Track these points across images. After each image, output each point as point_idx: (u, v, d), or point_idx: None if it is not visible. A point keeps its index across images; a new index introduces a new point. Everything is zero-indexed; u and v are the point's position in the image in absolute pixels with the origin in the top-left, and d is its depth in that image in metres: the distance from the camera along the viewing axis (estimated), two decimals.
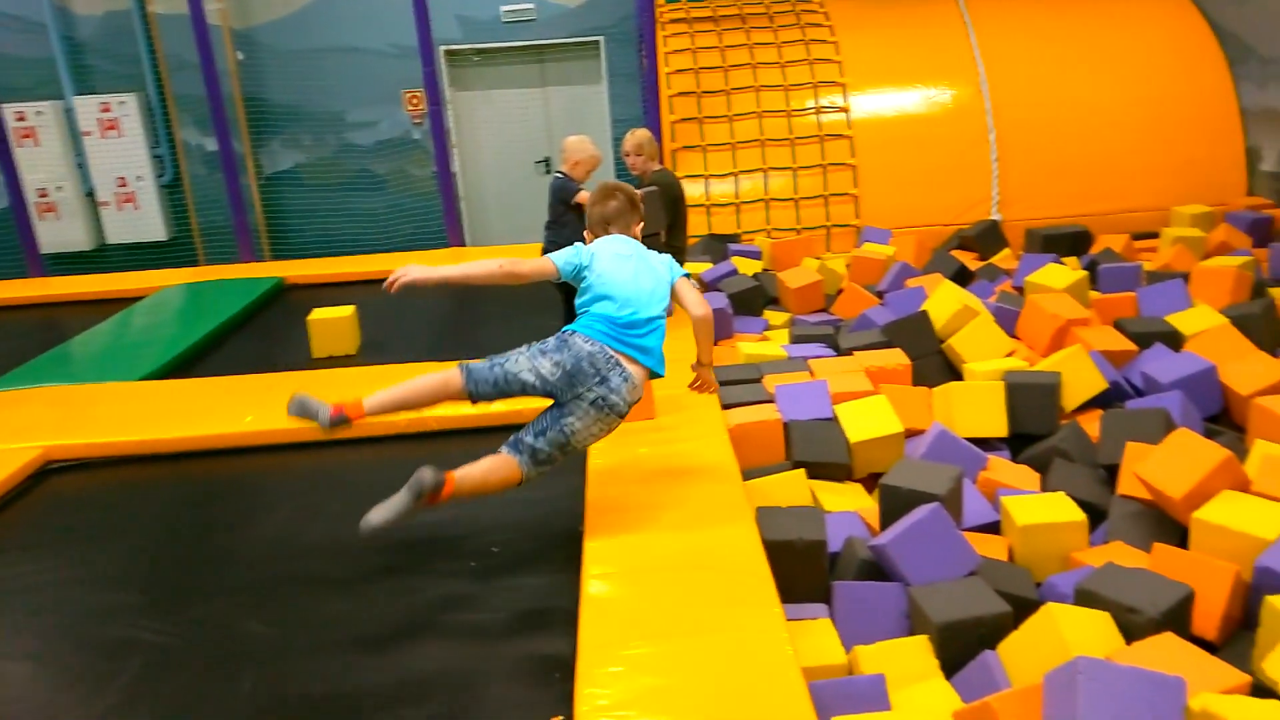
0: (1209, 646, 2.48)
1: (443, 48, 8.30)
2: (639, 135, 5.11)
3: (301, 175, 8.54)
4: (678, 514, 2.91)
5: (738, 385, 4.06)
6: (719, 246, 6.44)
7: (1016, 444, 3.88)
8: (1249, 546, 2.61)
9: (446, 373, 2.86)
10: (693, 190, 6.83)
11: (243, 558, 3.20)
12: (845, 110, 7.15)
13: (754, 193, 7.00)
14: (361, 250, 8.11)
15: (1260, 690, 2.11)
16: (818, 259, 6.41)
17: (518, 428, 3.95)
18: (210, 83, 7.55)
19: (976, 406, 3.84)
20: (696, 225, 6.76)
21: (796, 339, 4.84)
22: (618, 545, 2.76)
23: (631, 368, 2.82)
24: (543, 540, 3.19)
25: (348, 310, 5.25)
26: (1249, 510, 2.73)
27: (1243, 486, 2.92)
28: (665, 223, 5.23)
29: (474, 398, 2.86)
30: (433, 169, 8.16)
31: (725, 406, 3.82)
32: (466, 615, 2.79)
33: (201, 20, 7.48)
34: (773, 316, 5.47)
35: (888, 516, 3.15)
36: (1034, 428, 3.85)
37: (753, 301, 5.48)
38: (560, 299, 5.07)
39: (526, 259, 3.05)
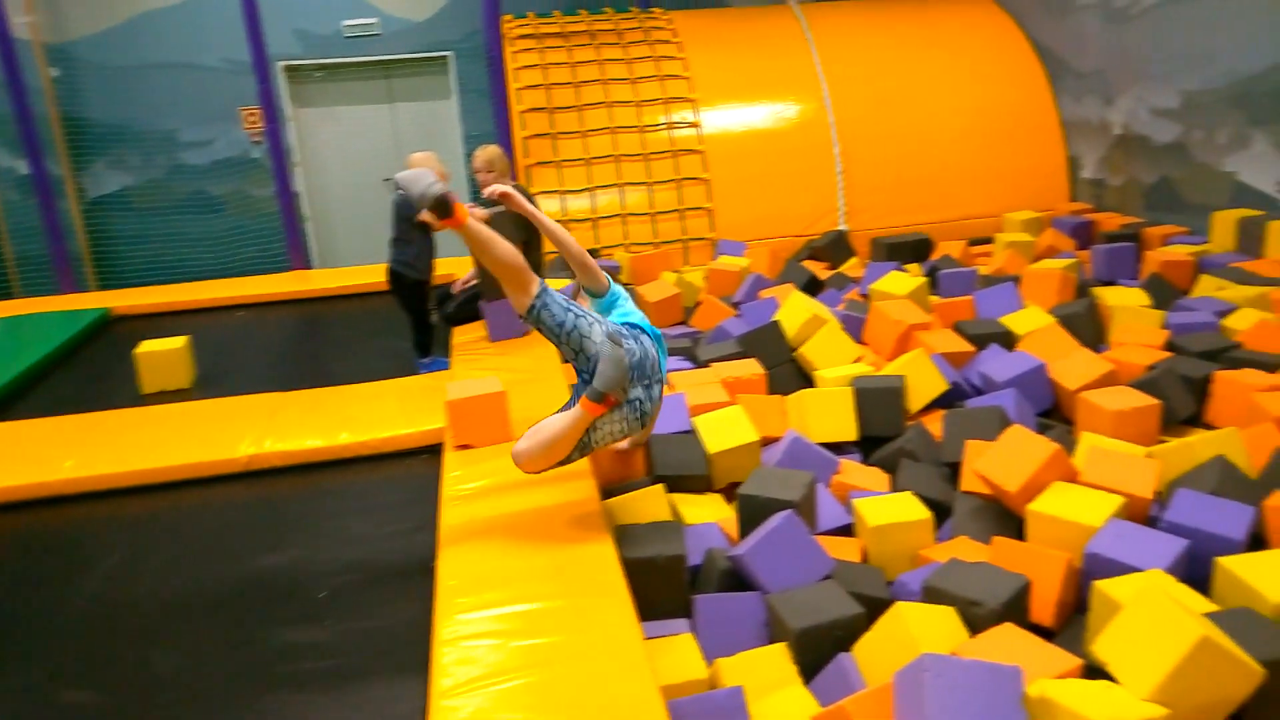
0: (1047, 633, 2.59)
1: (281, 63, 7.98)
2: (489, 151, 5.03)
3: (130, 198, 8.02)
4: (534, 539, 2.84)
5: None
6: None
7: (867, 446, 3.99)
8: (1079, 535, 2.74)
9: (529, 271, 2.75)
10: (548, 206, 6.78)
11: (63, 618, 2.93)
12: (696, 125, 7.26)
13: (610, 208, 7.01)
14: (199, 276, 7.68)
15: (1092, 671, 2.20)
16: (676, 272, 6.46)
17: (367, 459, 3.84)
18: (19, 101, 7.00)
19: (827, 412, 3.92)
20: None
21: None
22: (472, 575, 2.67)
23: (663, 388, 2.89)
24: (394, 575, 3.06)
25: (180, 341, 4.93)
26: (1078, 500, 2.87)
27: (1072, 477, 3.07)
28: (519, 240, 5.16)
29: (531, 312, 2.74)
30: (275, 189, 7.82)
31: None
32: (312, 663, 2.63)
33: (6, 34, 6.93)
34: None
35: (746, 525, 3.17)
36: (882, 430, 3.96)
37: None
38: (410, 322, 4.93)
39: (592, 260, 3.10)
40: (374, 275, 5.62)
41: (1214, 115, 6.11)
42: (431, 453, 3.78)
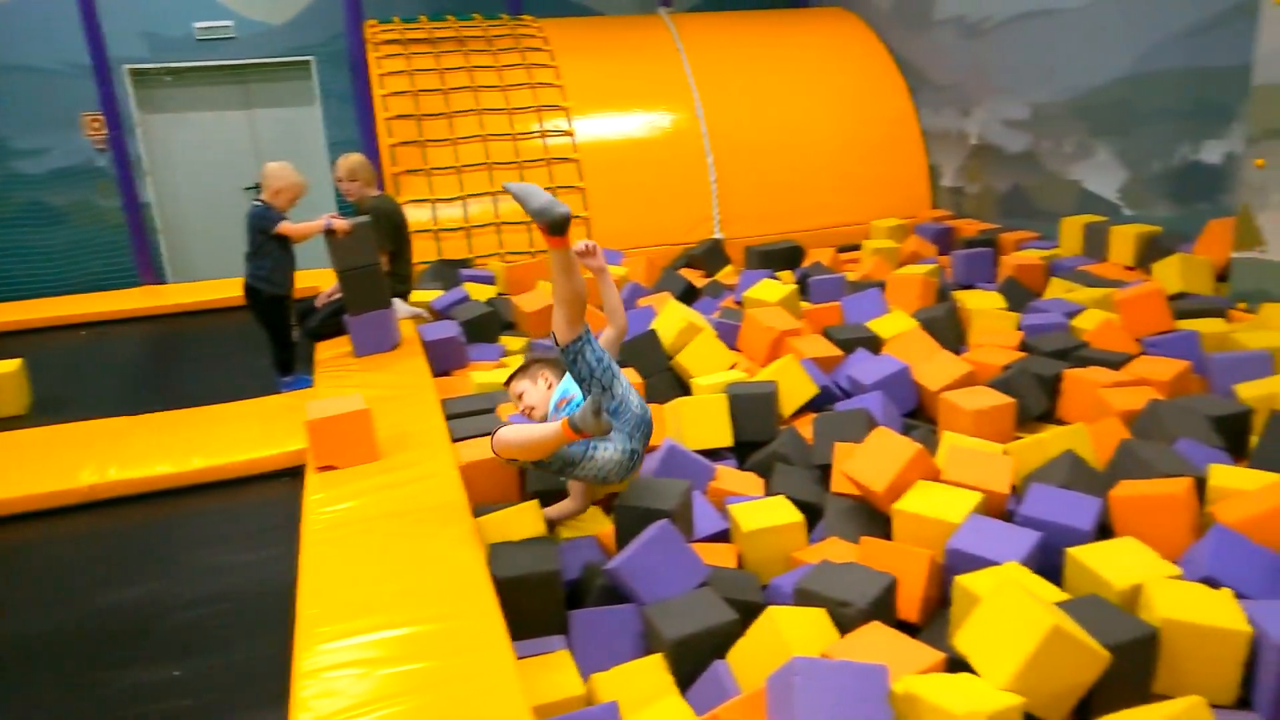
0: (914, 628, 2.65)
1: (127, 66, 7.52)
2: (352, 160, 4.87)
3: None
4: (402, 562, 2.73)
5: (470, 418, 3.93)
6: (450, 272, 6.27)
7: (742, 451, 4.02)
8: (942, 531, 2.82)
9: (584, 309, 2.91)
10: (419, 215, 6.62)
11: None
12: (570, 134, 7.23)
13: (484, 216, 6.90)
14: (37, 293, 7.14)
15: (955, 664, 2.25)
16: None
17: (224, 485, 3.64)
18: None
19: (703, 419, 3.94)
20: (425, 251, 6.55)
21: None
22: (336, 602, 2.54)
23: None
24: (253, 607, 2.90)
25: (13, 365, 4.56)
26: (940, 498, 2.95)
27: (934, 475, 3.16)
28: (388, 250, 5.02)
29: (576, 343, 2.88)
30: (120, 199, 7.36)
31: (456, 440, 3.67)
32: (164, 704, 2.47)
33: None
34: (510, 342, 5.37)
35: (624, 537, 3.13)
36: (756, 435, 4.01)
37: (488, 327, 5.36)
38: (269, 338, 4.72)
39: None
40: (232, 290, 5.36)
41: (1060, 126, 6.48)
42: (293, 475, 3.61)
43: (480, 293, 5.92)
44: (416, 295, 5.59)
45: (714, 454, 3.95)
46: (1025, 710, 1.99)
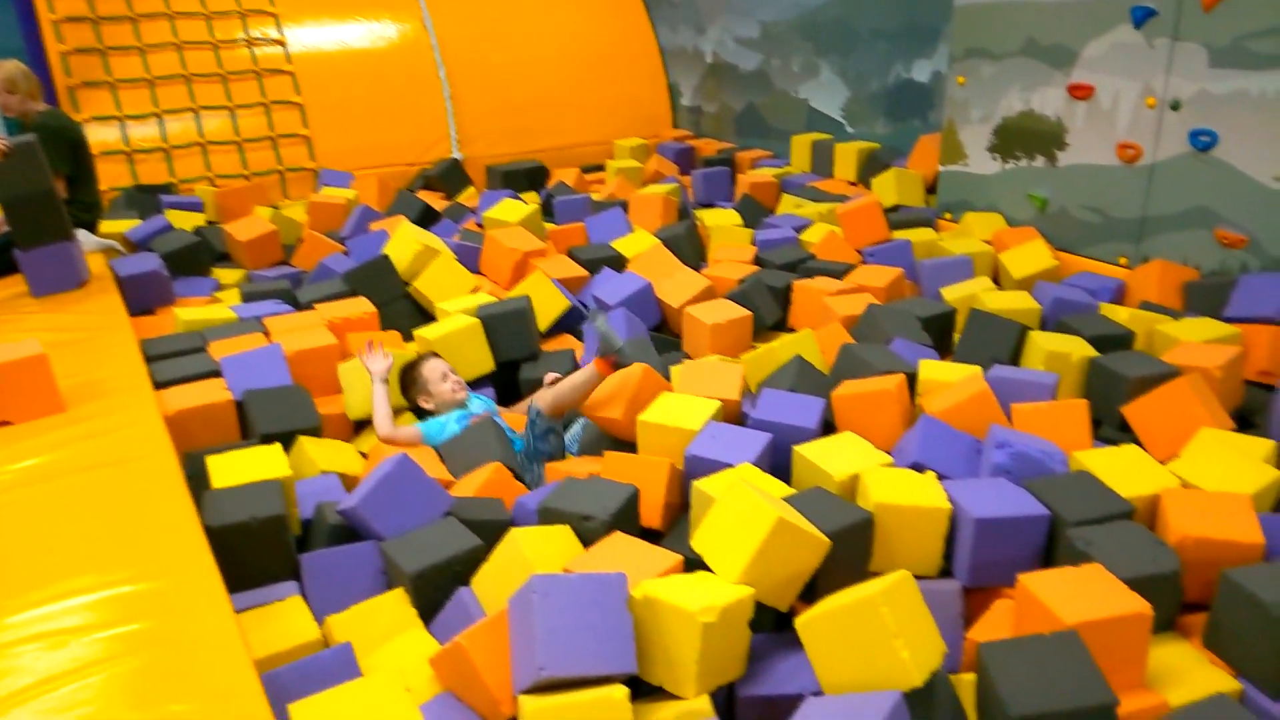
0: (656, 535, 2.69)
1: None
2: (7, 68, 4.18)
3: None
4: (95, 521, 2.42)
5: (175, 359, 3.53)
6: (148, 199, 5.59)
7: (506, 374, 3.92)
8: (682, 440, 2.85)
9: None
10: (104, 135, 5.82)
11: None
12: (282, 43, 6.59)
13: (186, 136, 6.17)
14: None
15: (694, 565, 2.30)
16: (273, 207, 5.89)
17: None
18: None
19: (462, 348, 3.77)
20: (117, 176, 5.80)
21: (248, 297, 4.36)
22: (15, 572, 2.22)
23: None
24: None
25: None
26: (680, 408, 2.99)
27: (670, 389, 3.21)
28: (64, 173, 4.38)
29: (552, 421, 3.24)
30: None
31: (160, 385, 3.29)
32: None
33: None
34: (223, 275, 4.89)
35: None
36: (516, 353, 3.91)
37: (196, 260, 4.83)
38: None
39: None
40: None
41: (788, 45, 6.71)
42: None
43: (185, 221, 5.32)
44: (107, 225, 4.94)
45: (476, 383, 3.81)
46: (756, 599, 2.07)
